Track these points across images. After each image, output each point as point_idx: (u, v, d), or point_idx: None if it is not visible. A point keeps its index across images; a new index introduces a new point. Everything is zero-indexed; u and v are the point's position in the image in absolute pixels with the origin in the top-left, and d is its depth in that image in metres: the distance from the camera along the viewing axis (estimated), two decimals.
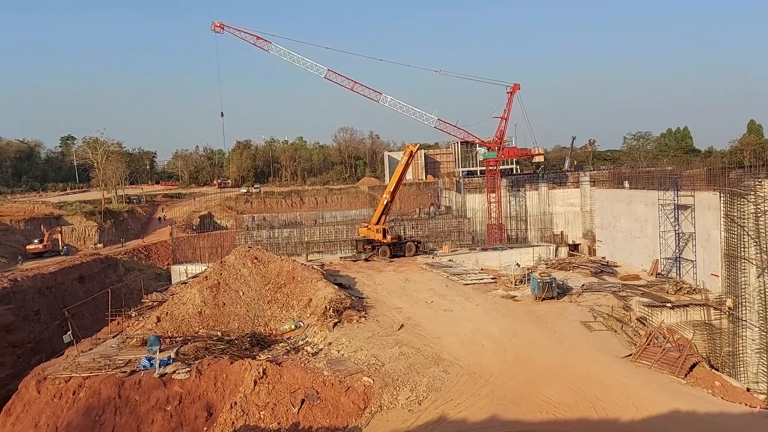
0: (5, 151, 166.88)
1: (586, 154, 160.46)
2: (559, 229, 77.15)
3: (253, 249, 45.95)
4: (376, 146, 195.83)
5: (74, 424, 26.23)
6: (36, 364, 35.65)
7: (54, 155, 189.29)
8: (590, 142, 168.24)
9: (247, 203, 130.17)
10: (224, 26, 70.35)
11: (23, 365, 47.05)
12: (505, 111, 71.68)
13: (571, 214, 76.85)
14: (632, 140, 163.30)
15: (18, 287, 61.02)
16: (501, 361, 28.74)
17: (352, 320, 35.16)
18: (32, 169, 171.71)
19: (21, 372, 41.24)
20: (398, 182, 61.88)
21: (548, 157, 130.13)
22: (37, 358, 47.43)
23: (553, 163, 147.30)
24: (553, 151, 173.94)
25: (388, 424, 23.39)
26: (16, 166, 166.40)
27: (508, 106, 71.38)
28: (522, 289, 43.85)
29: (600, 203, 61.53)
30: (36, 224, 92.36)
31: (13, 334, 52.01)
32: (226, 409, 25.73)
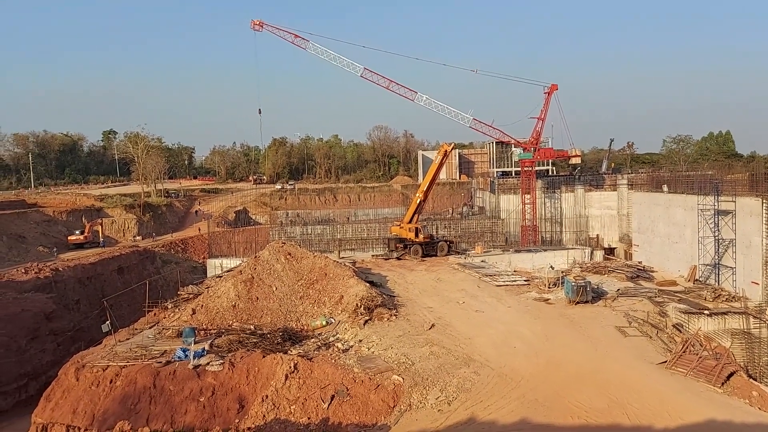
0: (50, 144, 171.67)
1: (624, 156, 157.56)
2: (595, 232, 75.98)
3: (286, 245, 46.44)
4: (410, 145, 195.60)
5: (110, 412, 26.89)
6: (75, 352, 36.66)
7: (96, 149, 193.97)
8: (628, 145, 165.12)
9: (281, 200, 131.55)
10: (263, 24, 71.13)
11: (63, 353, 48.49)
12: (542, 111, 70.91)
13: (607, 218, 75.62)
14: (672, 143, 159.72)
15: (59, 277, 62.89)
16: (533, 364, 28.49)
17: (382, 318, 35.27)
18: (75, 162, 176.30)
19: (61, 359, 42.55)
20: (432, 181, 61.72)
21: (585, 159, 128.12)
22: (76, 346, 48.85)
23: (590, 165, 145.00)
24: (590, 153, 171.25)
25: (417, 423, 23.41)
26: (59, 159, 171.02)
27: (546, 107, 70.58)
28: (555, 292, 43.36)
29: (637, 207, 60.41)
30: (77, 216, 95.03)
31: (54, 322, 53.54)
32: (257, 402, 26.10)
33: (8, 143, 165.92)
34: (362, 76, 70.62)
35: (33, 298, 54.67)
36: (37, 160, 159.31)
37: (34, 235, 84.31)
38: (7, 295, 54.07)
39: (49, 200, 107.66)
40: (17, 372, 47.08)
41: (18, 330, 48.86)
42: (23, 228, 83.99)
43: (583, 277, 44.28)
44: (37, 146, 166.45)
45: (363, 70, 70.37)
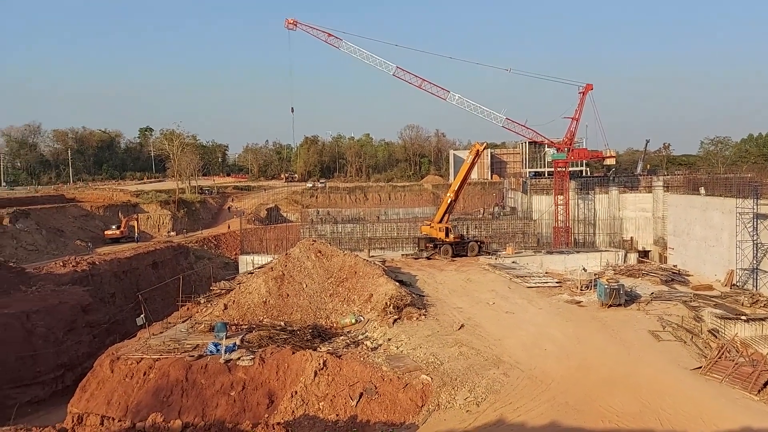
0: (88, 140, 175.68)
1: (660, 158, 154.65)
2: (629, 234, 74.81)
3: (317, 243, 46.75)
4: (442, 144, 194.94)
5: (143, 404, 27.42)
6: (110, 344, 37.48)
7: (133, 145, 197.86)
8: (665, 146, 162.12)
9: (312, 198, 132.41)
10: (297, 23, 71.69)
11: (98, 345, 49.51)
12: (576, 111, 70.04)
13: (641, 220, 74.38)
14: (710, 145, 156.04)
15: (96, 270, 64.34)
16: (563, 367, 28.17)
17: (412, 317, 35.25)
18: (112, 158, 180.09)
19: (96, 351, 43.49)
20: (463, 181, 61.41)
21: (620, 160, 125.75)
22: (111, 338, 49.88)
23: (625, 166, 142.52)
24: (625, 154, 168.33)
25: (445, 423, 23.36)
26: (97, 155, 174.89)
27: (580, 107, 69.68)
28: (588, 294, 42.77)
29: (673, 209, 59.25)
30: (114, 211, 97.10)
31: (91, 315, 54.73)
32: (286, 398, 26.34)
33: (48, 139, 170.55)
34: (394, 75, 70.69)
35: (70, 291, 55.99)
36: (76, 155, 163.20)
37: (72, 229, 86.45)
38: (45, 287, 55.51)
39: (87, 195, 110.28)
40: (54, 362, 48.24)
41: (56, 322, 50.06)
42: (62, 222, 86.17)
43: (617, 279, 43.60)
44: (76, 142, 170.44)
45: (395, 69, 70.43)
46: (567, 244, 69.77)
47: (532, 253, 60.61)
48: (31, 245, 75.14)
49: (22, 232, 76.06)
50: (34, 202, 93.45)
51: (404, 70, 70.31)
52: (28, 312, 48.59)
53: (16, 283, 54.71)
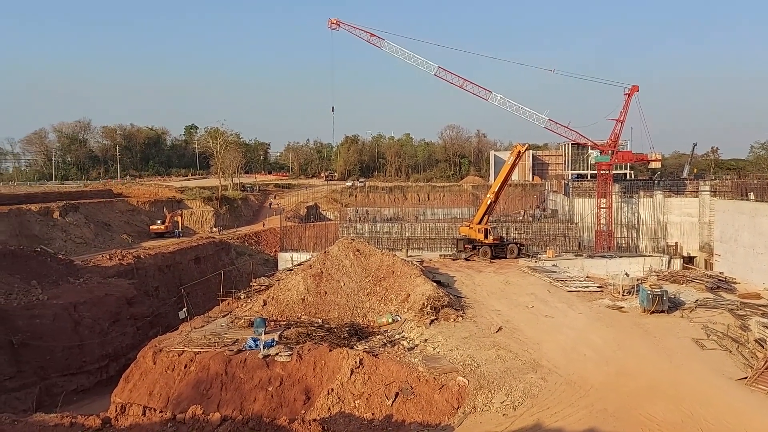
0: (136, 137, 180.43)
1: (708, 161, 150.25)
2: (674, 239, 73.04)
3: (355, 241, 46.99)
4: (482, 145, 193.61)
5: (184, 396, 28.01)
6: (153, 337, 38.38)
7: (178, 143, 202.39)
8: (712, 150, 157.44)
9: (351, 196, 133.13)
10: (340, 23, 72.13)
11: (142, 337, 50.83)
12: (621, 113, 68.80)
13: (687, 225, 72.54)
14: (760, 149, 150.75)
15: (141, 264, 66.09)
16: (603, 373, 27.67)
17: (449, 319, 35.10)
18: (158, 155, 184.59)
19: (139, 343, 44.67)
20: (504, 182, 60.87)
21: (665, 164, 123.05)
22: (154, 330, 51.14)
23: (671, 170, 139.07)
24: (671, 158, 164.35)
25: (481, 426, 23.20)
26: (144, 152, 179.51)
27: (625, 109, 68.41)
28: (630, 300, 41.90)
29: (720, 215, 57.53)
30: (159, 206, 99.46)
31: (135, 307, 56.24)
32: (323, 395, 26.55)
33: (98, 135, 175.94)
34: (436, 75, 70.57)
35: (116, 284, 57.65)
36: (124, 152, 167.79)
37: (118, 223, 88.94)
38: (92, 279, 57.28)
39: (134, 191, 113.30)
40: (99, 353, 49.74)
41: (102, 313, 51.62)
42: (109, 216, 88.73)
43: (660, 285, 42.58)
44: (124, 139, 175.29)
45: (437, 68, 70.26)
46: (609, 248, 68.57)
47: (573, 257, 59.68)
48: (80, 238, 77.59)
49: (71, 225, 78.59)
50: (83, 196, 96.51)
51: (446, 70, 70.16)
52: (75, 303, 50.24)
53: (64, 275, 56.60)
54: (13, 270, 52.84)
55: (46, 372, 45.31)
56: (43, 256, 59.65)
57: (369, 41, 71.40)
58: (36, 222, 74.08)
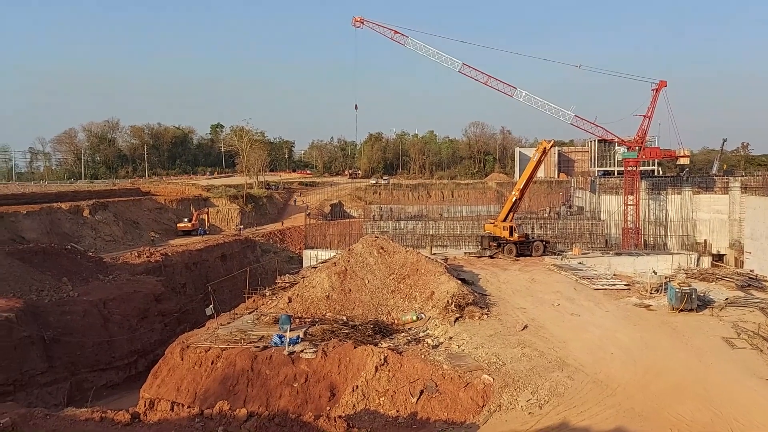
0: (163, 136, 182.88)
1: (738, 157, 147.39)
2: (703, 237, 71.75)
3: (379, 239, 47.02)
4: (507, 142, 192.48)
5: (211, 391, 28.35)
6: (181, 333, 38.95)
7: (204, 141, 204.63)
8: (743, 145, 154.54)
9: (375, 194, 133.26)
10: (364, 21, 72.19)
11: (169, 333, 51.60)
12: (648, 109, 67.84)
13: (716, 222, 71.19)
14: None
15: (168, 261, 67.05)
16: (630, 372, 27.32)
17: (474, 316, 34.94)
18: (185, 154, 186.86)
19: (167, 339, 45.34)
20: (529, 179, 60.35)
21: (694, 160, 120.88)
22: (181, 327, 51.84)
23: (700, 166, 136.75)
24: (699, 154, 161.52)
25: (506, 425, 23.06)
26: (171, 151, 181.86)
27: (653, 104, 67.41)
28: (658, 298, 41.27)
29: (751, 212, 56.49)
30: (186, 204, 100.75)
31: (162, 304, 57.08)
32: (348, 392, 26.65)
33: (126, 135, 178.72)
34: (460, 72, 70.29)
35: (144, 281, 58.57)
36: (151, 151, 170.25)
37: (146, 221, 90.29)
38: (121, 276, 58.27)
39: (161, 189, 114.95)
40: (128, 349, 50.59)
41: (130, 310, 52.49)
42: (137, 214, 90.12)
43: (689, 283, 41.85)
44: (151, 138, 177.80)
45: (461, 65, 69.97)
46: (636, 246, 67.68)
47: (600, 254, 59.01)
48: (109, 236, 78.94)
49: (100, 223, 80.00)
50: (112, 194, 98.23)
51: (470, 67, 69.83)
52: (105, 299, 51.17)
53: (94, 272, 57.68)
54: (44, 267, 53.99)
55: (76, 367, 46.21)
56: (73, 254, 60.86)
57: (393, 38, 71.37)
58: (66, 220, 75.55)
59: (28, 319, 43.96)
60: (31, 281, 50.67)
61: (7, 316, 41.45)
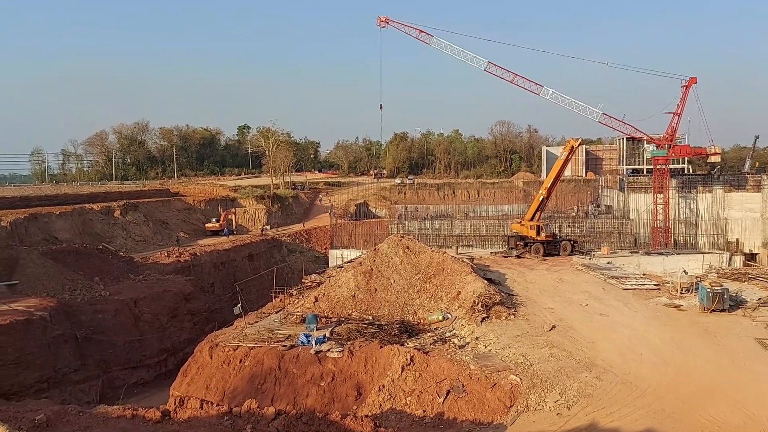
0: (191, 137, 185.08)
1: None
2: (734, 236, 70.39)
3: (404, 238, 47.02)
4: (534, 140, 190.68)
5: (239, 390, 28.68)
6: (209, 332, 39.43)
7: (232, 142, 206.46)
8: None
9: (400, 194, 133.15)
10: (389, 21, 72.19)
11: (198, 332, 52.31)
12: (678, 106, 66.72)
13: (749, 221, 69.78)
14: None
15: (197, 261, 67.97)
16: (660, 373, 26.92)
17: (500, 316, 34.74)
18: (213, 155, 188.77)
19: (196, 337, 45.97)
20: (556, 178, 59.77)
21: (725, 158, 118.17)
22: (210, 326, 52.48)
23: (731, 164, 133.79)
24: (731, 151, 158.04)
25: (534, 425, 22.91)
26: (199, 152, 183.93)
27: (683, 101, 66.29)
28: (688, 298, 40.59)
29: None
30: (214, 205, 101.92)
31: (192, 303, 57.89)
32: (374, 391, 26.74)
33: (155, 136, 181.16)
34: (486, 70, 69.87)
35: (174, 280, 59.48)
36: (180, 152, 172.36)
37: (175, 221, 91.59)
38: (151, 276, 59.26)
39: (190, 189, 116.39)
40: (158, 347, 51.39)
41: (160, 309, 53.34)
42: (167, 215, 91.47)
43: (720, 283, 41.10)
44: (180, 139, 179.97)
45: (487, 64, 69.56)
46: (666, 245, 66.64)
47: (629, 254, 58.22)
48: (139, 236, 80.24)
49: (131, 223, 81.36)
50: (142, 195, 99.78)
51: (496, 65, 69.38)
52: (136, 299, 52.08)
53: (125, 272, 58.72)
54: (77, 267, 55.14)
55: (108, 365, 47.09)
56: (105, 254, 62.05)
57: (418, 38, 71.23)
58: (98, 220, 77.00)
59: (62, 317, 44.92)
60: (64, 281, 51.78)
61: (41, 314, 42.40)
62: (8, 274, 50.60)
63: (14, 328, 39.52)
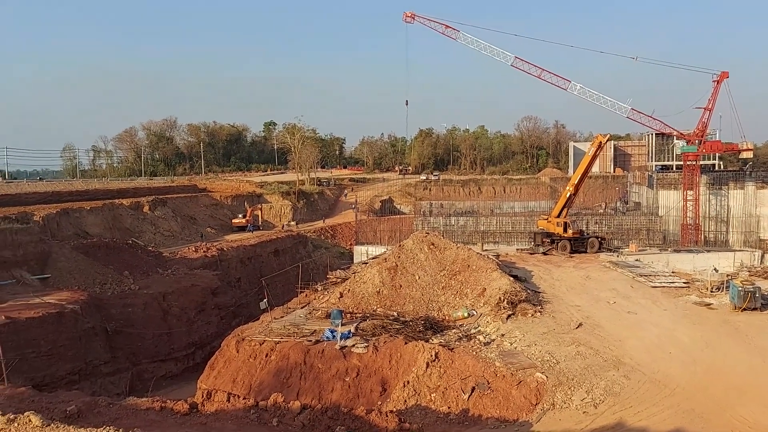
0: (218, 134, 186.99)
1: None
2: (767, 233, 68.80)
3: (429, 235, 46.93)
4: (561, 136, 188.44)
5: (265, 384, 28.95)
6: (236, 326, 39.93)
7: (258, 139, 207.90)
8: None
9: (425, 190, 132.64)
10: (415, 16, 71.93)
11: (225, 326, 52.94)
12: (709, 101, 65.45)
13: None
14: None
15: (224, 256, 68.77)
16: (689, 372, 26.49)
17: (526, 314, 34.51)
18: (239, 151, 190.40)
19: (223, 331, 46.55)
20: (584, 174, 59.10)
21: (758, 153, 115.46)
22: (237, 320, 53.16)
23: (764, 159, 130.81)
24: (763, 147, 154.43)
25: (560, 423, 22.74)
26: (226, 148, 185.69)
27: (714, 96, 65.03)
28: (719, 296, 39.84)
29: None
30: (240, 201, 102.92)
31: (219, 297, 58.62)
32: (399, 387, 26.77)
33: (183, 133, 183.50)
34: (513, 66, 69.24)
35: (201, 274, 60.26)
36: (207, 148, 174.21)
37: (203, 217, 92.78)
38: (179, 270, 60.11)
39: (217, 186, 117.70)
40: (186, 341, 52.19)
41: (188, 303, 54.13)
42: (194, 210, 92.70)
43: (752, 281, 40.25)
44: (207, 136, 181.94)
45: (514, 59, 68.94)
46: (696, 243, 65.49)
47: (658, 251, 57.38)
48: (167, 231, 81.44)
49: (159, 218, 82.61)
50: (170, 191, 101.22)
51: (523, 60, 68.72)
52: (164, 293, 52.93)
53: (154, 266, 59.69)
54: (107, 261, 56.23)
55: (137, 358, 47.96)
56: (134, 248, 63.16)
57: (444, 33, 70.85)
58: (127, 216, 78.33)
59: (92, 310, 45.85)
60: (95, 275, 52.85)
61: (72, 308, 43.32)
62: (41, 267, 51.81)
63: (47, 321, 40.43)
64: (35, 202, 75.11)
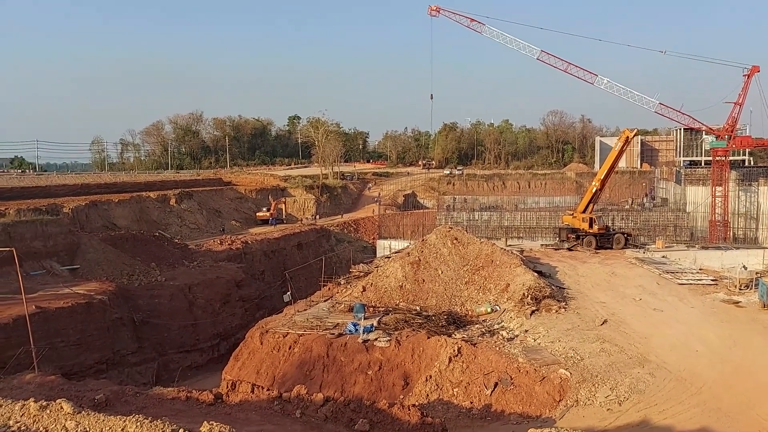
0: (243, 128, 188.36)
1: None
2: None
3: (453, 230, 46.84)
4: (587, 131, 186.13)
5: (288, 375, 29.24)
6: (260, 318, 40.27)
7: (282, 133, 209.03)
8: None
9: (449, 185, 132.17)
10: (440, 9, 71.56)
11: (249, 318, 53.46)
12: (740, 96, 64.12)
13: None
14: None
15: (248, 249, 69.41)
16: (716, 371, 26.11)
17: (550, 310, 34.29)
18: (264, 145, 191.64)
19: (247, 323, 47.05)
20: (610, 169, 58.41)
21: None
22: (260, 312, 53.61)
23: None
24: None
25: (583, 420, 22.60)
26: (251, 142, 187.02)
27: (744, 91, 63.70)
28: (747, 294, 39.13)
29: None
30: (265, 194, 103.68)
31: (243, 290, 59.19)
32: (421, 381, 26.84)
33: (209, 126, 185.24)
34: (539, 59, 68.53)
35: (226, 267, 60.89)
36: (233, 142, 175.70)
37: (228, 210, 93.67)
38: (205, 262, 60.81)
39: (242, 179, 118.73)
40: (211, 332, 52.78)
41: (213, 294, 54.73)
42: (220, 203, 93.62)
43: None
44: (232, 129, 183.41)
45: (540, 52, 68.23)
46: (724, 240, 64.32)
47: (685, 248, 56.51)
48: (193, 224, 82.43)
49: (185, 211, 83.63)
50: (196, 184, 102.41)
51: (549, 54, 67.97)
52: (190, 284, 53.57)
53: (180, 258, 60.48)
54: (134, 253, 57.12)
55: (163, 348, 48.66)
56: (161, 240, 64.07)
57: (469, 26, 70.35)
58: (154, 208, 79.41)
59: (120, 301, 46.61)
60: (123, 266, 53.72)
61: (101, 298, 44.09)
62: (70, 258, 52.84)
63: (76, 311, 41.20)
64: (65, 194, 76.59)
